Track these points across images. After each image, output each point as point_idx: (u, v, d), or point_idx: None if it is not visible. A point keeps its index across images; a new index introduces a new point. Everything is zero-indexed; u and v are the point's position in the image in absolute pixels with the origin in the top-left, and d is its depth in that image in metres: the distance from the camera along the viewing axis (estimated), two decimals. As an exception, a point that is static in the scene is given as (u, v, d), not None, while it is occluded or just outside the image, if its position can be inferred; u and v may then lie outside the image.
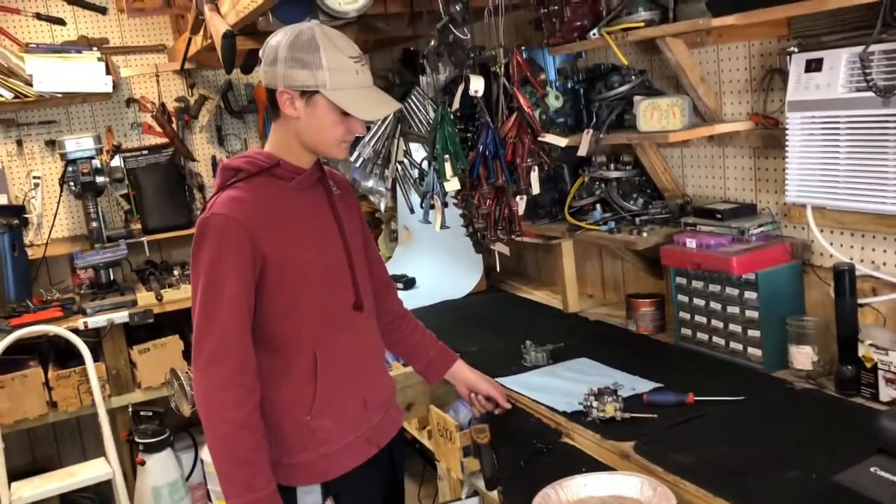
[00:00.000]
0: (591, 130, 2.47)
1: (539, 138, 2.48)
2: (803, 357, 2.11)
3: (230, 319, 1.69)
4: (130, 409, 3.67)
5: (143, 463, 3.55)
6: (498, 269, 3.27)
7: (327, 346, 1.83)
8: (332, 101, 1.72)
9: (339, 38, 1.76)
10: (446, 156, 2.46)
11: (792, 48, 2.09)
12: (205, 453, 3.78)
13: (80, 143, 3.76)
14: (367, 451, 1.90)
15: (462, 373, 2.21)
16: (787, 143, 2.13)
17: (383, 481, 2.00)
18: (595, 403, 2.02)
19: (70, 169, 3.78)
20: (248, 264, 1.71)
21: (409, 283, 3.67)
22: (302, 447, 1.82)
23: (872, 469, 1.28)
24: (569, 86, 2.65)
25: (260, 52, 1.80)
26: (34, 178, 4.09)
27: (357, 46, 1.79)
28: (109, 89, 3.87)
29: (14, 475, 3.12)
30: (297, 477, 1.83)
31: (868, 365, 1.92)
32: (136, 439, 3.58)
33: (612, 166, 2.66)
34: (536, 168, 2.53)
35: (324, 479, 1.84)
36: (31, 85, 3.72)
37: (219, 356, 1.69)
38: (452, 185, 2.48)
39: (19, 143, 4.07)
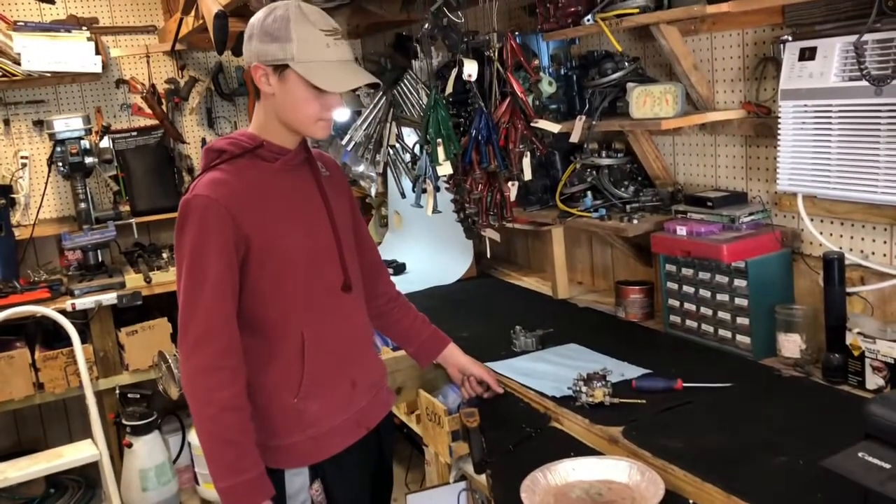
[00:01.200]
0: (583, 117, 2.47)
1: (532, 124, 2.47)
2: (791, 345, 2.13)
3: (214, 302, 1.68)
4: (118, 392, 3.66)
5: (130, 445, 3.55)
6: (488, 256, 3.27)
7: (314, 328, 1.82)
8: (300, 73, 1.70)
9: (315, 13, 1.74)
10: (439, 140, 2.45)
11: (786, 36, 2.09)
12: (192, 436, 3.77)
13: (68, 124, 3.74)
14: (355, 434, 1.90)
15: (454, 356, 2.21)
16: (779, 131, 2.13)
17: (371, 463, 2.00)
18: (584, 388, 2.03)
19: (58, 149, 3.75)
20: (231, 246, 1.70)
21: (399, 269, 3.67)
22: (289, 430, 1.81)
23: (860, 454, 1.29)
24: (562, 72, 2.64)
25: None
26: (22, 157, 4.05)
27: (335, 22, 1.77)
28: (99, 69, 3.84)
29: (0, 457, 3.10)
30: (284, 460, 1.82)
31: (855, 353, 1.94)
32: (124, 421, 3.58)
33: (603, 153, 2.66)
34: (528, 154, 2.52)
35: (310, 462, 1.83)
36: (19, 63, 3.68)
37: (204, 339, 1.68)
38: (445, 169, 2.47)
39: (6, 122, 4.03)
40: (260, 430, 1.77)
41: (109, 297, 3.59)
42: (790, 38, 2.07)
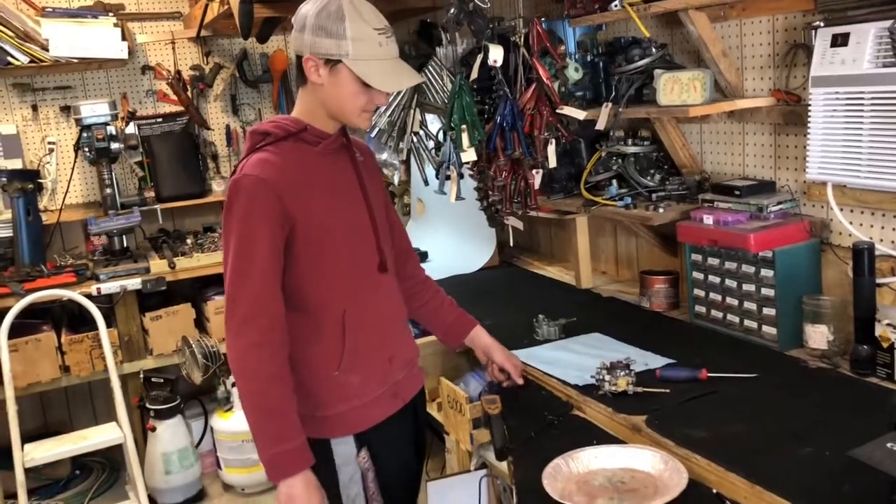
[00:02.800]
0: (609, 104, 2.44)
1: (557, 110, 2.46)
2: (819, 336, 2.10)
3: (262, 278, 1.74)
4: (142, 376, 3.70)
5: (153, 429, 3.58)
6: (511, 245, 3.26)
7: (355, 306, 1.88)
8: (353, 71, 1.75)
9: (367, 10, 1.79)
10: (463, 126, 2.44)
11: (817, 22, 2.06)
12: (215, 421, 3.80)
13: (95, 109, 3.76)
14: (393, 405, 1.96)
15: (480, 339, 2.23)
16: (809, 119, 2.10)
17: (410, 433, 2.07)
18: (607, 377, 2.01)
19: (85, 135, 3.77)
20: (278, 224, 1.76)
21: (422, 257, 3.66)
22: (332, 401, 1.87)
23: (889, 444, 1.27)
24: (588, 59, 2.62)
25: (292, 19, 1.82)
26: (49, 143, 4.09)
27: (384, 19, 1.82)
28: (125, 56, 3.86)
29: (26, 438, 3.14)
30: (329, 429, 1.88)
31: (885, 345, 1.91)
32: (147, 405, 3.61)
33: (629, 141, 2.64)
34: (553, 141, 2.50)
35: (355, 431, 1.90)
36: (46, 49, 3.71)
37: (251, 316, 1.74)
38: (469, 155, 2.46)
39: (34, 108, 4.06)
40: (305, 402, 1.83)
41: (134, 282, 3.62)
42: (822, 24, 2.04)
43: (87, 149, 3.79)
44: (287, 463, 1.74)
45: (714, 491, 1.59)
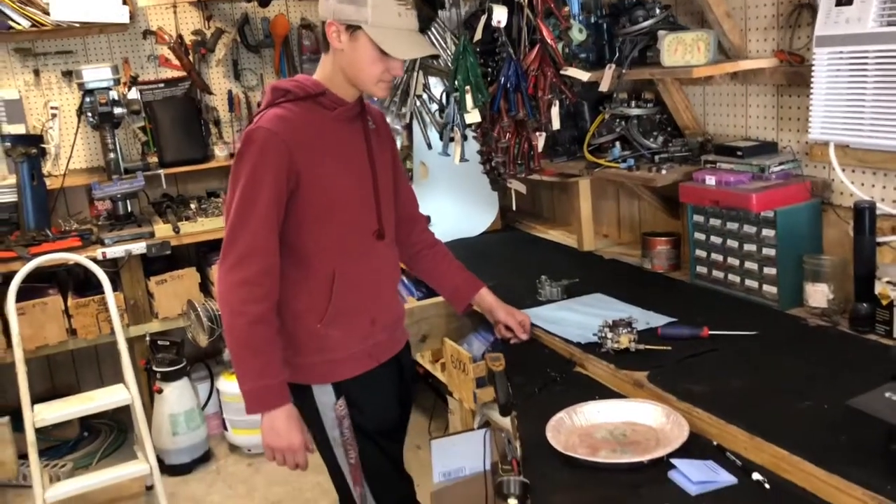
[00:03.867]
0: (613, 66, 2.44)
1: (561, 72, 2.46)
2: (819, 295, 2.12)
3: (261, 224, 1.82)
4: (148, 339, 3.73)
5: (160, 391, 3.63)
6: (514, 209, 3.28)
7: (346, 267, 1.95)
8: (371, 37, 1.81)
9: None
10: (467, 87, 2.44)
11: (823, -19, 2.05)
12: (221, 383, 3.85)
13: (97, 74, 3.76)
14: (366, 364, 2.03)
15: (486, 300, 2.29)
16: (812, 79, 2.10)
17: (393, 387, 2.14)
18: (609, 335, 2.04)
19: (87, 99, 3.78)
20: (284, 178, 1.84)
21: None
22: (310, 350, 1.97)
23: (887, 394, 1.30)
24: (592, 20, 2.60)
25: None
26: (52, 108, 4.08)
27: None
28: (126, 20, 3.84)
29: (34, 400, 3.18)
30: (305, 376, 2.00)
31: (884, 302, 1.93)
32: (154, 368, 3.65)
33: (632, 103, 2.64)
34: (557, 103, 2.51)
35: (328, 381, 1.98)
36: (48, 13, 3.69)
37: (246, 257, 1.82)
38: (473, 116, 2.47)
39: (36, 72, 4.05)
40: (287, 347, 1.95)
41: (139, 247, 3.64)
42: (827, -17, 2.03)
43: (89, 114, 3.79)
44: (265, 397, 1.85)
45: (715, 443, 1.63)
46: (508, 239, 3.46)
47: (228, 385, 3.74)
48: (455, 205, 3.65)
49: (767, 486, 1.46)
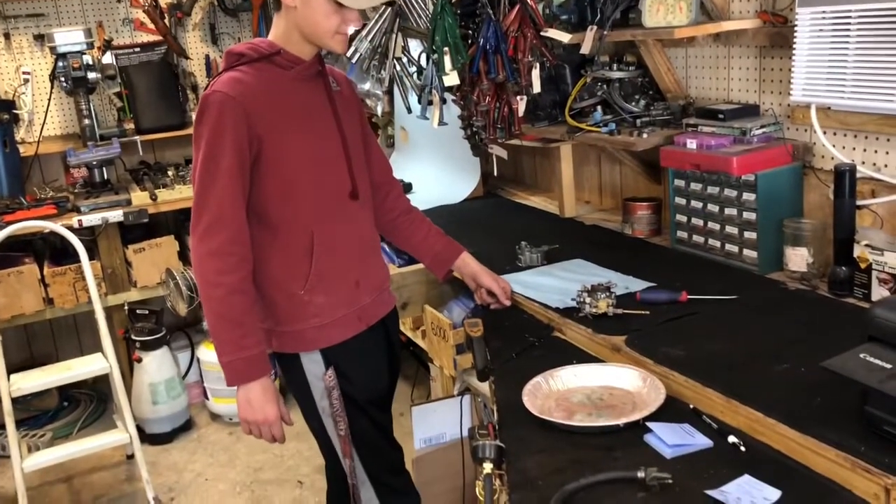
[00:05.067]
0: (594, 27, 2.40)
1: (542, 33, 2.41)
2: (798, 259, 2.11)
3: (225, 192, 1.79)
4: (126, 308, 3.69)
5: (139, 360, 3.60)
6: (495, 174, 3.24)
7: (323, 230, 1.91)
8: None
9: None
10: (445, 49, 2.39)
11: (806, -61, 2.02)
12: (201, 352, 3.82)
13: (69, 37, 3.67)
14: (356, 327, 1.99)
15: (468, 265, 2.25)
16: (795, 40, 2.07)
17: (381, 352, 2.10)
18: (588, 299, 2.03)
19: (60, 64, 3.69)
20: (245, 141, 1.79)
21: (406, 189, 3.63)
22: (295, 318, 1.93)
23: (862, 355, 1.29)
24: (573, -20, 2.56)
25: None
26: (24, 73, 3.99)
27: None
28: (99, -19, 3.75)
29: (12, 370, 3.15)
30: (292, 344, 1.95)
31: (862, 265, 1.93)
32: (133, 337, 3.62)
33: (614, 66, 2.61)
34: (538, 65, 2.47)
35: (316, 347, 1.94)
36: (17, -26, 3.60)
37: (214, 226, 1.78)
38: (451, 79, 2.42)
39: (7, 36, 3.96)
40: (269, 316, 1.93)
41: (116, 214, 3.59)
42: (811, -59, 2.00)
43: (63, 79, 3.71)
44: (244, 369, 1.82)
45: (691, 406, 1.62)
46: (490, 205, 3.43)
47: (209, 354, 3.72)
48: (437, 171, 3.62)
49: (743, 448, 1.46)
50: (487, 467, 1.52)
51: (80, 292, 3.54)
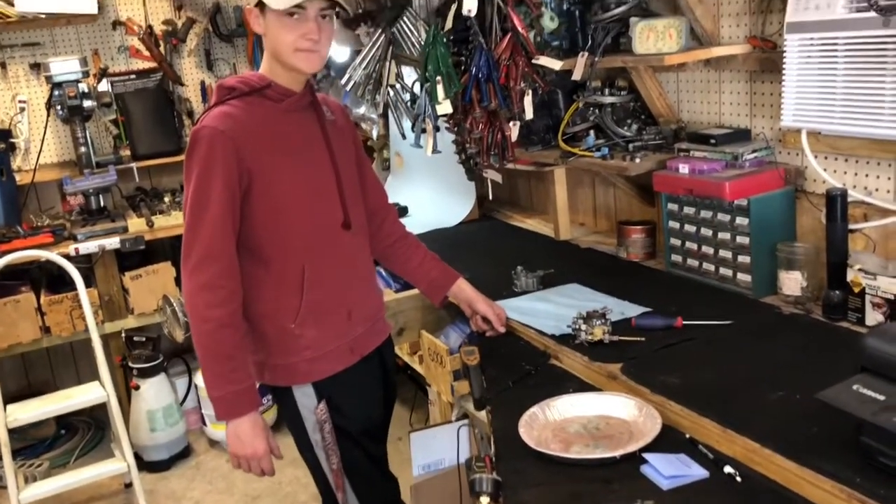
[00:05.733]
0: (586, 54, 2.42)
1: (533, 61, 2.43)
2: (792, 283, 2.12)
3: (216, 226, 1.80)
4: (124, 335, 3.69)
5: (137, 387, 3.59)
6: (490, 198, 3.26)
7: (314, 263, 1.91)
8: (268, 5, 1.76)
9: None
10: (438, 78, 2.41)
11: (793, -33, 2.04)
12: (198, 378, 3.82)
13: (65, 66, 3.69)
14: (348, 359, 1.99)
15: (463, 291, 2.25)
16: (784, 66, 2.09)
17: (376, 383, 2.10)
18: (583, 326, 2.03)
19: (56, 93, 3.71)
20: (235, 176, 1.80)
21: (402, 212, 3.65)
22: (286, 351, 1.93)
23: (855, 387, 1.29)
24: (564, 7, 2.57)
25: None
26: (20, 101, 4.01)
27: None
28: (94, 10, 3.77)
29: (9, 399, 3.15)
30: (283, 377, 1.96)
31: (856, 290, 1.93)
32: (130, 364, 3.61)
33: (606, 91, 2.62)
34: (530, 92, 2.49)
35: (308, 381, 1.95)
36: (12, 4, 3.62)
37: (205, 260, 1.79)
38: (444, 108, 2.44)
39: (3, 65, 3.97)
40: (261, 349, 1.94)
41: (112, 242, 3.59)
42: (797, -31, 2.02)
43: (59, 107, 3.73)
44: (233, 403, 1.83)
45: (687, 436, 1.62)
46: (486, 228, 3.44)
47: (206, 380, 3.71)
48: (432, 195, 3.63)
49: (739, 479, 1.46)
50: (485, 501, 1.52)
51: (77, 320, 3.53)
